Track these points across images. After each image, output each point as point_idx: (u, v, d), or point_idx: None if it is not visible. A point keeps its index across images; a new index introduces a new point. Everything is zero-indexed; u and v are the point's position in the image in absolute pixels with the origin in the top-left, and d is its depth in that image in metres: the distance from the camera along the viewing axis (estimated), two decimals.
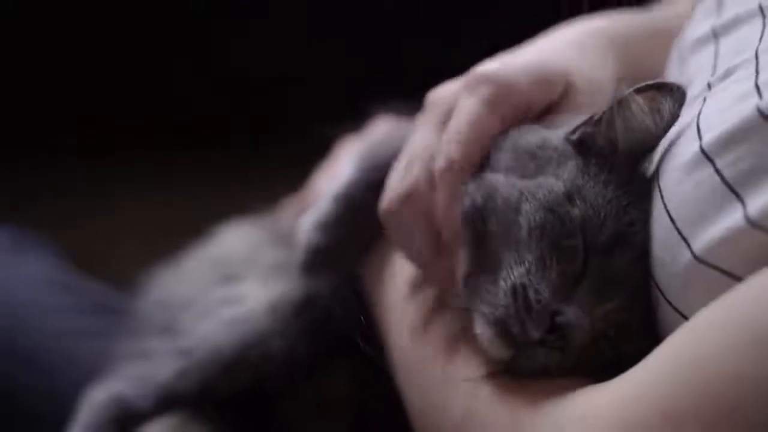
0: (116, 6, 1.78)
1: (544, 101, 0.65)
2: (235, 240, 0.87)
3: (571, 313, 0.55)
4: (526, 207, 0.57)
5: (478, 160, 0.62)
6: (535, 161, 0.60)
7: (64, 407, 0.80)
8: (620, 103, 0.59)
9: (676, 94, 0.59)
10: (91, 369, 0.82)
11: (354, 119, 0.81)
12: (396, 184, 0.65)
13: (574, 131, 0.60)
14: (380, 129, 0.80)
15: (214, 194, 1.41)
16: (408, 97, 0.73)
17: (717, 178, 0.52)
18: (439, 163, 0.62)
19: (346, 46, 1.75)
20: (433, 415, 0.62)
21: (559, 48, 0.68)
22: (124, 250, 1.45)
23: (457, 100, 0.64)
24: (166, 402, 0.77)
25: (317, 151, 0.85)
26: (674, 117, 0.58)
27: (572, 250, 0.56)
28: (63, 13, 1.73)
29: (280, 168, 0.90)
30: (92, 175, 1.69)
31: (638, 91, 0.59)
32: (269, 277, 0.80)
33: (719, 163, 0.52)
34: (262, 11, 1.77)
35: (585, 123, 0.60)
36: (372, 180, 0.70)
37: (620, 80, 0.62)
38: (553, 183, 0.58)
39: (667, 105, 0.58)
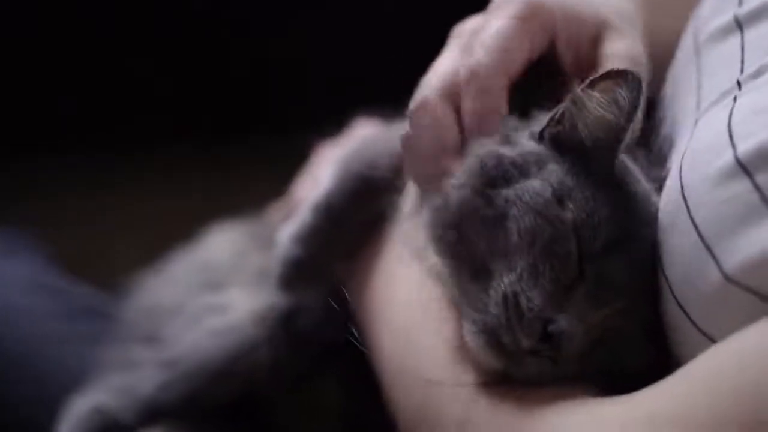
0: (113, 3, 1.77)
1: (572, 35, 0.62)
2: (222, 245, 0.86)
3: (563, 321, 0.53)
4: (513, 211, 0.55)
5: (506, 72, 0.59)
6: (517, 167, 0.57)
7: (50, 414, 0.78)
8: (574, 102, 0.57)
9: (631, 82, 0.56)
10: (78, 375, 0.81)
11: (337, 124, 0.79)
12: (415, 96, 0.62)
13: (542, 131, 0.58)
14: (360, 134, 0.77)
15: (207, 196, 1.40)
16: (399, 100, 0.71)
17: (756, 195, 0.47)
18: (465, 68, 0.59)
19: (345, 46, 1.73)
20: (425, 424, 0.59)
21: None
22: (115, 251, 1.44)
23: (485, 22, 0.61)
24: (150, 414, 0.76)
25: (307, 154, 0.83)
26: (634, 105, 0.55)
27: (566, 255, 0.54)
28: (61, 9, 1.72)
29: (275, 170, 0.88)
30: (82, 175, 1.68)
31: (590, 85, 0.56)
32: (255, 284, 0.79)
33: (759, 179, 0.48)
34: (262, 11, 1.76)
35: (548, 123, 0.58)
36: (352, 188, 0.69)
37: (571, 78, 0.60)
38: (539, 185, 0.55)
39: (624, 94, 0.56)
